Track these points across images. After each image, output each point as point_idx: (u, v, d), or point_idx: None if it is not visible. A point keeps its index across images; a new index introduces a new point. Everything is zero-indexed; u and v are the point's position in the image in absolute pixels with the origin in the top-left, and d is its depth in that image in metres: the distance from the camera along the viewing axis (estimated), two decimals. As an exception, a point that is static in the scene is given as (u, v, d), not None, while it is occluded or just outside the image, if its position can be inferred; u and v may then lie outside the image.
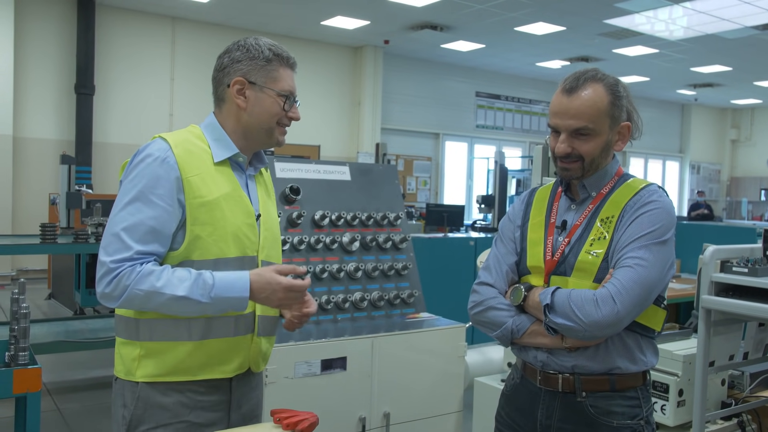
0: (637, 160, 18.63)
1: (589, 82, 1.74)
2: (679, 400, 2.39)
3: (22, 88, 9.71)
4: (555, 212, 1.85)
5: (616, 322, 1.61)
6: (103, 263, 1.55)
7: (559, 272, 1.75)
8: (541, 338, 1.73)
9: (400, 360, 2.97)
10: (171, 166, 1.62)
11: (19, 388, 2.29)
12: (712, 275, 2.19)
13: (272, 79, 1.74)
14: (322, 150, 12.68)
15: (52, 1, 9.99)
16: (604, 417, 1.70)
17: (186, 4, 10.30)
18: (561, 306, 1.65)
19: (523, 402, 1.83)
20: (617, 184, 1.80)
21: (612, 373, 1.71)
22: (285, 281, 1.63)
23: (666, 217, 1.69)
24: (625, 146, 1.82)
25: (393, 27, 11.45)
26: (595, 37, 11.47)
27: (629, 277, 1.62)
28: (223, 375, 1.69)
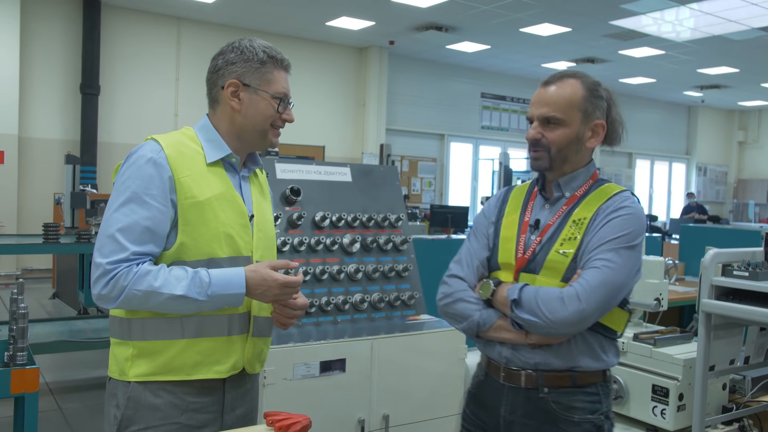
0: (643, 162, 18.58)
1: (568, 77, 1.82)
2: (679, 405, 2.37)
3: (27, 87, 9.75)
4: (530, 211, 1.88)
5: (580, 321, 1.65)
6: (99, 265, 1.56)
7: (528, 270, 1.79)
8: (506, 333, 1.77)
9: (400, 362, 2.95)
10: (163, 167, 1.62)
11: (17, 388, 2.29)
12: (713, 279, 2.17)
13: (266, 82, 1.74)
14: (326, 151, 12.69)
15: (58, 1, 10.03)
16: (565, 412, 1.75)
17: (191, 5, 10.32)
18: (528, 302, 1.69)
19: (487, 399, 1.86)
20: (592, 188, 1.84)
21: (574, 370, 1.75)
22: (281, 278, 1.65)
23: (636, 223, 1.73)
24: (598, 144, 1.86)
25: (398, 28, 11.44)
26: (600, 38, 11.44)
27: (596, 277, 1.66)
28: (216, 375, 1.68)
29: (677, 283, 4.69)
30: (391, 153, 9.08)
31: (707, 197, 19.45)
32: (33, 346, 4.55)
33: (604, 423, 1.78)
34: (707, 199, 19.34)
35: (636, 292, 2.71)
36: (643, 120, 18.09)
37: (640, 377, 2.48)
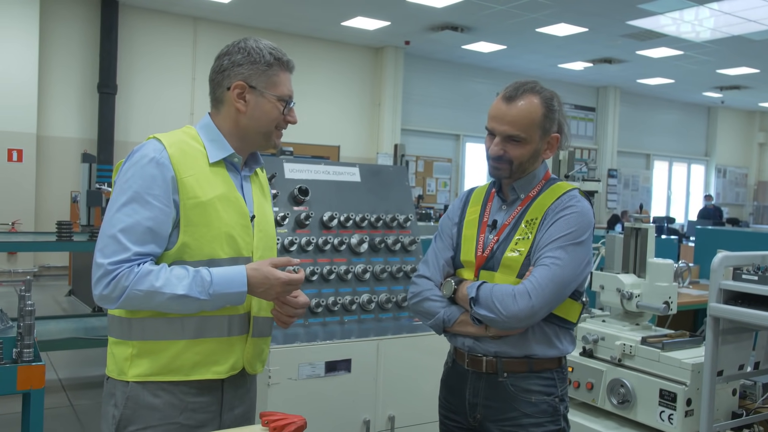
0: (661, 164, 18.40)
1: (527, 93, 1.90)
2: (687, 410, 2.34)
3: (46, 87, 9.86)
4: (488, 211, 2.03)
5: (531, 315, 1.79)
6: (101, 265, 1.56)
7: (487, 267, 1.93)
8: (469, 327, 1.91)
9: (406, 362, 2.94)
10: (166, 167, 1.62)
11: (23, 385, 2.31)
12: (721, 282, 2.14)
13: (273, 84, 1.75)
14: (342, 151, 12.69)
15: (76, 1, 10.13)
16: (523, 394, 1.90)
17: (207, 5, 10.38)
18: (484, 299, 1.83)
19: (455, 384, 2.03)
20: (544, 188, 1.97)
21: (530, 357, 1.90)
22: (283, 276, 1.66)
23: (582, 221, 1.86)
24: (552, 155, 2.01)
25: (413, 28, 11.42)
26: (618, 38, 11.34)
27: (545, 275, 1.80)
28: (215, 376, 1.68)
29: (691, 287, 4.63)
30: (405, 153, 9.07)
31: (727, 199, 19.22)
32: (47, 343, 4.64)
33: (559, 405, 1.93)
34: (727, 201, 19.11)
35: (644, 295, 2.69)
36: (662, 121, 17.92)
37: (647, 381, 2.45)
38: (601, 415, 2.61)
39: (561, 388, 1.96)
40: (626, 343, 2.54)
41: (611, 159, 16.60)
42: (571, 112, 16.04)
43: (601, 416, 2.61)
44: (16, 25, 9.42)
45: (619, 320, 2.80)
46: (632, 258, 2.84)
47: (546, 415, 1.91)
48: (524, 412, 1.90)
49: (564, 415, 1.96)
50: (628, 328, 2.71)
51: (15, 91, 9.40)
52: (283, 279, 1.65)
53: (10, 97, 9.36)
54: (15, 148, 9.41)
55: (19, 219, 9.18)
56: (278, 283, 1.65)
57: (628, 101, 16.84)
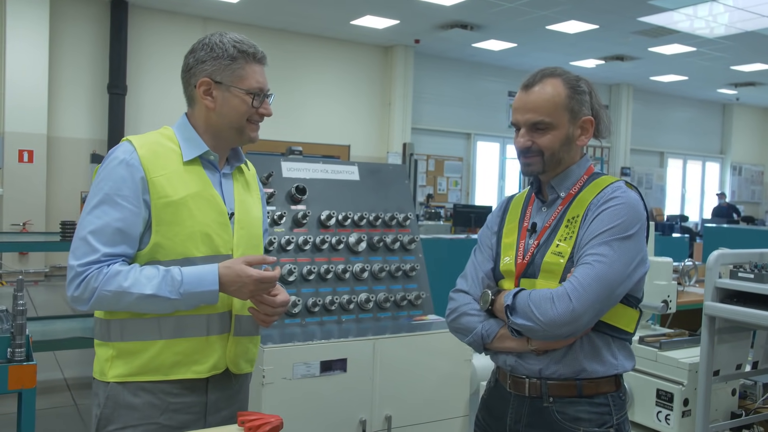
0: (675, 161, 18.22)
1: (547, 77, 1.75)
2: (684, 410, 2.30)
3: (56, 88, 9.93)
4: (528, 216, 1.84)
5: (572, 320, 1.57)
6: (72, 267, 1.56)
7: (527, 275, 1.74)
8: (509, 342, 1.71)
9: (403, 362, 2.92)
10: (135, 167, 1.62)
11: (15, 384, 2.31)
12: (716, 281, 2.10)
13: (239, 78, 1.71)
14: (352, 150, 12.68)
15: (86, 2, 10.20)
16: (570, 423, 1.68)
17: (216, 5, 10.41)
18: (521, 306, 1.63)
19: (496, 406, 1.83)
20: (586, 184, 1.77)
21: (580, 378, 1.68)
22: (255, 273, 1.62)
23: (629, 212, 1.65)
24: (588, 141, 1.79)
25: (423, 26, 11.39)
26: (629, 35, 11.24)
27: (587, 273, 1.59)
28: (196, 375, 1.67)
29: (697, 285, 4.56)
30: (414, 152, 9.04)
31: (742, 197, 19.00)
32: (54, 342, 4.66)
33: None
34: (742, 199, 18.89)
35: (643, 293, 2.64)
36: (676, 118, 17.75)
37: (644, 381, 2.41)
38: (598, 416, 2.57)
39: (618, 417, 1.70)
40: (624, 342, 2.50)
41: (624, 157, 16.46)
42: (584, 110, 15.91)
43: (599, 417, 2.57)
44: (27, 27, 9.49)
45: (618, 319, 2.76)
46: (631, 256, 2.80)
47: None
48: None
49: None
50: (626, 327, 2.66)
51: (26, 92, 9.48)
52: (255, 276, 1.61)
53: (20, 98, 9.44)
54: (26, 149, 9.49)
55: (30, 219, 9.26)
56: (250, 281, 1.61)
57: (641, 99, 16.69)
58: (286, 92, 11.86)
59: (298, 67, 12.09)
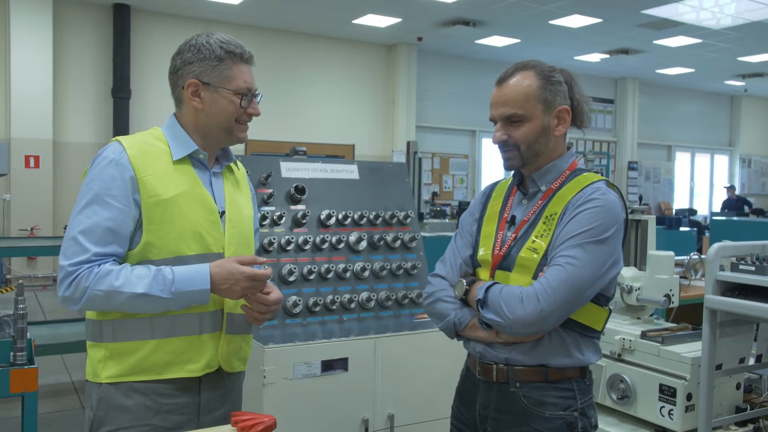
0: (683, 155, 18.11)
1: (519, 70, 1.77)
2: (688, 405, 2.27)
3: (61, 93, 9.98)
4: (509, 206, 1.86)
5: (539, 321, 1.62)
6: (62, 267, 1.57)
7: (503, 267, 1.77)
8: (479, 332, 1.76)
9: (405, 361, 2.91)
10: (125, 167, 1.62)
11: (17, 388, 2.32)
12: (717, 274, 2.07)
13: (226, 79, 1.71)
14: (357, 149, 12.68)
15: (89, 7, 10.24)
16: (535, 407, 1.73)
17: (218, 7, 10.42)
18: (492, 302, 1.68)
19: (467, 393, 1.89)
20: (567, 180, 1.78)
21: (546, 365, 1.73)
22: (248, 270, 1.63)
23: (606, 215, 1.67)
24: (566, 130, 1.81)
25: (425, 24, 11.36)
26: (633, 28, 11.17)
27: (557, 275, 1.62)
28: (189, 374, 1.67)
29: (703, 279, 4.53)
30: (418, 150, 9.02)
31: (752, 189, 18.86)
32: (61, 346, 4.68)
33: (577, 420, 1.73)
34: (752, 191, 18.75)
35: (645, 288, 2.62)
36: (683, 111, 17.64)
37: (647, 376, 2.39)
38: (601, 411, 2.55)
39: (582, 401, 1.75)
40: (626, 337, 2.49)
41: (631, 151, 16.38)
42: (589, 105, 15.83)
43: (602, 412, 2.55)
44: (31, 33, 9.54)
45: (620, 314, 2.74)
46: (633, 251, 2.78)
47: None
48: (537, 427, 1.72)
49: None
50: (628, 322, 2.65)
51: (31, 98, 9.53)
52: (247, 273, 1.62)
53: (26, 104, 9.50)
54: (32, 154, 9.54)
55: (38, 225, 9.30)
56: (243, 278, 1.62)
57: (648, 92, 16.60)
58: (289, 93, 11.88)
59: (301, 68, 12.09)
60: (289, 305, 2.91)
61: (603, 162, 12.75)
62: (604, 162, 12.56)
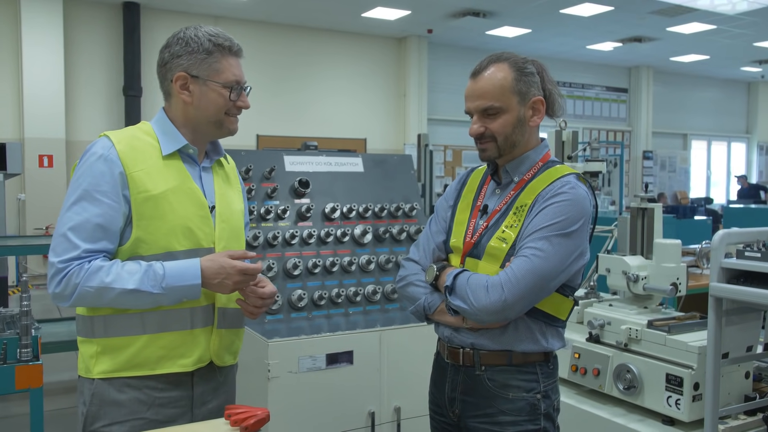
0: (699, 143, 17.90)
1: (493, 63, 1.80)
2: (695, 394, 2.24)
3: (72, 92, 10.05)
4: (482, 195, 1.91)
5: (503, 309, 1.67)
6: (52, 264, 1.57)
7: (473, 255, 1.82)
8: (447, 317, 1.82)
9: (411, 353, 2.89)
10: (114, 162, 1.61)
11: (22, 384, 2.34)
12: (722, 261, 2.04)
13: (215, 71, 1.71)
14: (368, 143, 12.67)
15: (99, 6, 10.30)
16: (499, 389, 1.79)
17: (227, 3, 10.44)
18: (459, 289, 1.73)
19: (437, 376, 1.96)
20: (540, 171, 1.82)
21: (511, 350, 1.78)
22: (239, 264, 1.64)
23: (574, 209, 1.71)
24: (541, 120, 1.84)
25: (435, 15, 11.30)
26: (646, 15, 11.04)
27: (523, 266, 1.67)
28: (181, 369, 1.67)
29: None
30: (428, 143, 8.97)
31: (771, 177, 18.62)
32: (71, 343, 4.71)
33: (540, 402, 1.80)
34: (771, 179, 18.51)
35: (651, 277, 2.59)
36: (699, 99, 17.43)
37: (653, 366, 2.35)
38: (608, 402, 2.53)
39: (545, 384, 1.82)
40: (632, 327, 2.45)
41: (646, 140, 16.21)
42: (603, 94, 15.72)
43: (609, 403, 2.52)
44: (42, 33, 9.61)
45: (627, 304, 2.71)
46: (639, 239, 2.74)
47: (523, 413, 1.78)
48: (501, 408, 1.79)
49: (546, 414, 1.81)
50: (635, 311, 2.61)
51: (43, 98, 9.61)
52: (239, 267, 1.62)
53: (38, 104, 9.58)
54: (45, 153, 9.62)
55: (53, 223, 9.37)
56: (234, 272, 1.62)
57: (662, 80, 16.42)
58: (299, 88, 11.88)
59: (312, 63, 12.08)
60: (294, 299, 2.91)
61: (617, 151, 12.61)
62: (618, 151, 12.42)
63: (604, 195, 10.49)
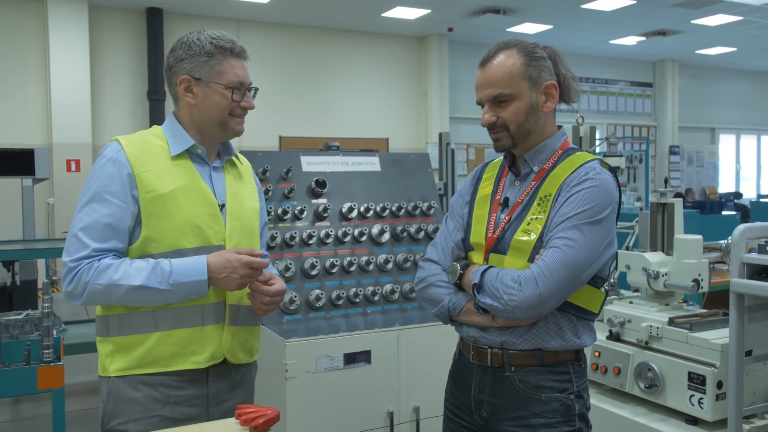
0: (727, 137, 17.58)
1: (501, 50, 1.74)
2: (718, 393, 2.19)
3: (98, 97, 10.21)
4: (501, 188, 1.83)
5: (538, 304, 1.59)
6: (65, 263, 1.62)
7: (497, 250, 1.75)
8: (475, 317, 1.74)
9: (430, 352, 2.88)
10: (122, 164, 1.66)
11: (44, 385, 2.37)
12: (743, 256, 1.99)
13: (217, 73, 1.74)
14: (390, 142, 12.67)
15: (123, 12, 10.44)
16: (532, 391, 1.72)
17: (249, 6, 10.51)
18: (489, 286, 1.64)
19: (461, 378, 1.87)
20: (560, 159, 1.76)
21: (541, 349, 1.71)
22: (245, 257, 1.65)
23: (602, 196, 1.65)
24: (555, 106, 1.77)
25: (455, 14, 11.26)
26: (669, 8, 10.87)
27: (555, 258, 1.59)
28: (195, 366, 1.69)
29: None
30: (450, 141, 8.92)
31: (803, 170, 18.22)
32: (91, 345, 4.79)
33: (574, 402, 1.73)
34: (803, 172, 18.11)
35: (672, 273, 2.54)
36: (726, 92, 17.11)
37: (675, 364, 2.31)
38: (629, 401, 2.49)
39: (577, 384, 1.75)
40: (653, 324, 2.41)
41: (672, 135, 15.97)
42: (627, 90, 15.52)
43: (630, 402, 2.49)
44: (68, 38, 9.75)
45: (648, 301, 2.67)
46: (660, 235, 2.70)
47: (557, 415, 1.71)
48: (533, 411, 1.71)
49: (580, 414, 1.75)
50: (656, 309, 2.57)
51: (70, 104, 9.77)
52: (244, 260, 1.64)
53: (66, 110, 9.74)
54: (73, 158, 9.78)
55: (80, 226, 9.52)
56: (240, 265, 1.64)
57: (688, 74, 16.15)
58: (321, 89, 11.92)
59: (333, 64, 12.11)
60: (312, 299, 2.92)
61: (642, 147, 12.44)
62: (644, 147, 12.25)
63: (630, 191, 10.36)
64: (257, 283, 1.72)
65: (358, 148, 9.57)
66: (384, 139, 12.55)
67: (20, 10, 9.74)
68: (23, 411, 4.52)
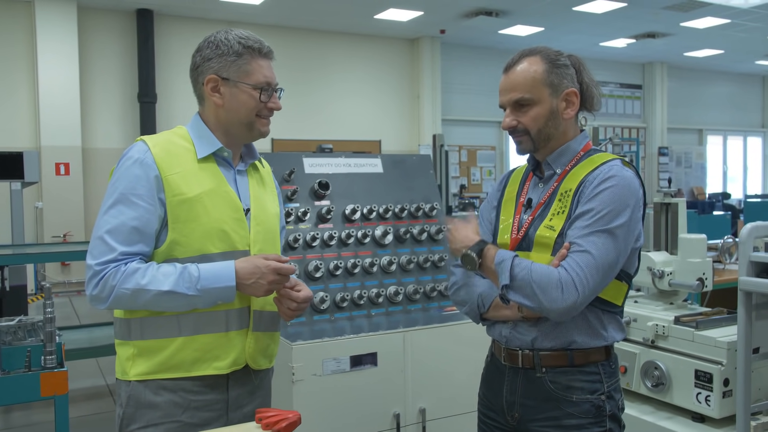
0: (715, 138, 17.73)
1: (525, 56, 1.78)
2: (725, 391, 2.22)
3: (88, 100, 10.12)
4: (525, 191, 1.88)
5: (576, 308, 1.62)
6: (90, 267, 1.58)
7: (522, 248, 1.78)
8: (503, 311, 1.78)
9: (436, 353, 2.88)
10: (149, 166, 1.63)
11: (47, 391, 2.34)
12: (751, 254, 2.01)
13: (245, 73, 1.72)
14: (383, 144, 12.67)
15: (112, 14, 10.37)
16: (563, 392, 1.74)
17: (239, 8, 10.47)
18: (523, 285, 1.63)
19: (493, 380, 1.90)
20: (581, 160, 1.80)
21: (570, 349, 1.73)
22: (273, 263, 1.64)
23: (625, 193, 1.67)
24: (575, 113, 1.80)
25: (447, 16, 11.29)
26: (659, 11, 10.95)
27: (590, 263, 1.61)
28: (217, 371, 1.67)
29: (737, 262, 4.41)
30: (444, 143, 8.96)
31: (789, 171, 18.41)
32: (96, 349, 4.75)
33: (605, 403, 1.75)
34: (789, 173, 18.30)
35: (677, 272, 2.56)
36: (714, 94, 17.27)
37: (682, 362, 2.33)
38: (636, 400, 2.51)
39: (608, 384, 1.76)
40: (659, 323, 2.43)
41: (661, 137, 16.09)
42: (617, 91, 15.61)
43: (637, 400, 2.50)
44: (57, 40, 9.67)
45: (653, 300, 2.68)
46: (663, 235, 2.71)
47: (589, 416, 1.72)
48: (565, 411, 1.73)
49: (611, 415, 1.75)
50: (661, 308, 2.59)
51: (59, 107, 9.68)
52: (273, 266, 1.63)
53: (54, 113, 9.65)
54: (62, 161, 9.70)
55: (70, 231, 9.46)
56: (268, 271, 1.62)
57: (677, 76, 16.28)
58: (313, 91, 11.90)
59: (325, 66, 12.10)
60: (317, 301, 2.91)
61: (632, 148, 12.52)
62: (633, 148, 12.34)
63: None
64: (286, 289, 1.71)
65: (350, 150, 9.54)
66: (377, 141, 12.55)
67: (7, 11, 9.65)
68: (14, 419, 4.47)
